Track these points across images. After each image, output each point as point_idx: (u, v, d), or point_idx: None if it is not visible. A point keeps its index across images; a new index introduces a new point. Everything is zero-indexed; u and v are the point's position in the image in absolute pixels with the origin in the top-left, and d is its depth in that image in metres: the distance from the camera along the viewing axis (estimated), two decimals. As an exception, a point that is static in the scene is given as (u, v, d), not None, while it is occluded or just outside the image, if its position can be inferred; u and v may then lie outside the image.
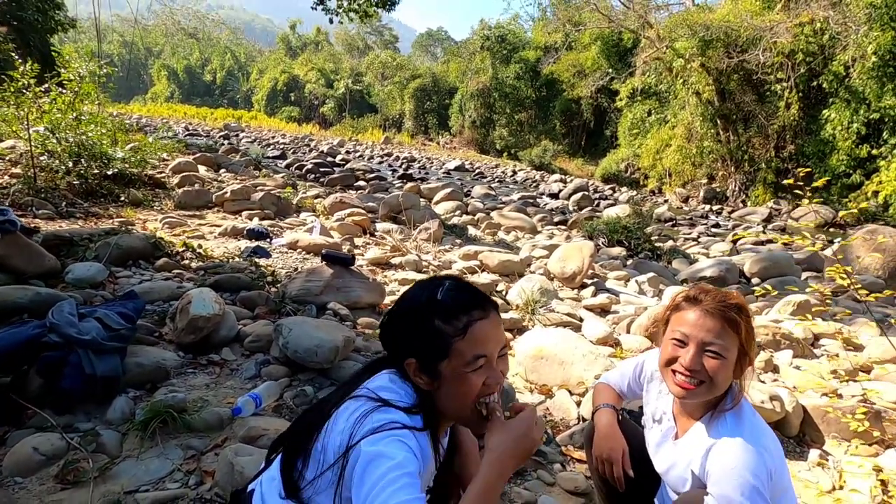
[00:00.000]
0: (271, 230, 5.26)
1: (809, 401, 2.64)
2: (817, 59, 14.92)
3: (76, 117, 5.88)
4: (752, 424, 1.15)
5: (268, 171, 10.38)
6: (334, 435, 0.94)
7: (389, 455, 0.86)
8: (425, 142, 31.63)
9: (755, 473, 1.05)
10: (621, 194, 17.14)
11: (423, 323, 0.98)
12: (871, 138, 13.85)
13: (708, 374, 1.14)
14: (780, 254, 7.31)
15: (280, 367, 2.39)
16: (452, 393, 0.98)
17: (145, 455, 1.75)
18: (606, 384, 1.56)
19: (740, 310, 1.16)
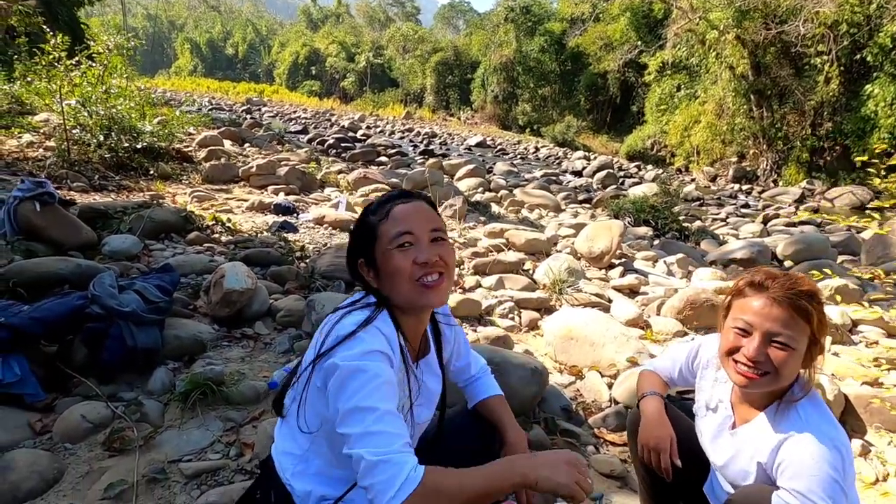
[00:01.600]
0: (297, 205, 5.28)
1: (850, 389, 2.56)
2: (862, 31, 14.08)
3: (106, 90, 5.93)
4: (825, 416, 1.10)
5: (291, 146, 10.40)
6: (307, 353, 1.03)
7: (365, 369, 0.91)
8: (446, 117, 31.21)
9: (835, 467, 1.00)
10: (647, 172, 16.71)
11: (360, 224, 1.10)
12: (916, 116, 13.14)
13: (774, 366, 1.07)
14: (815, 236, 7.06)
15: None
16: (387, 275, 1.03)
17: (186, 426, 1.79)
18: (653, 371, 1.51)
19: (812, 297, 1.07)
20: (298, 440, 1.04)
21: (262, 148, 9.22)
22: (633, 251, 5.51)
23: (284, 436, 1.09)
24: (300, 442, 1.04)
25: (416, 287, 1.02)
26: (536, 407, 2.21)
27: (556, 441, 2.01)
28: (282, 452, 1.07)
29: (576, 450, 1.99)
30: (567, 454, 0.93)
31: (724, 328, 1.17)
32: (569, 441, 2.02)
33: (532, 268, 4.29)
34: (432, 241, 1.04)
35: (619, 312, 3.51)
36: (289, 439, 1.07)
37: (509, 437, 1.23)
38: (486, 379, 1.36)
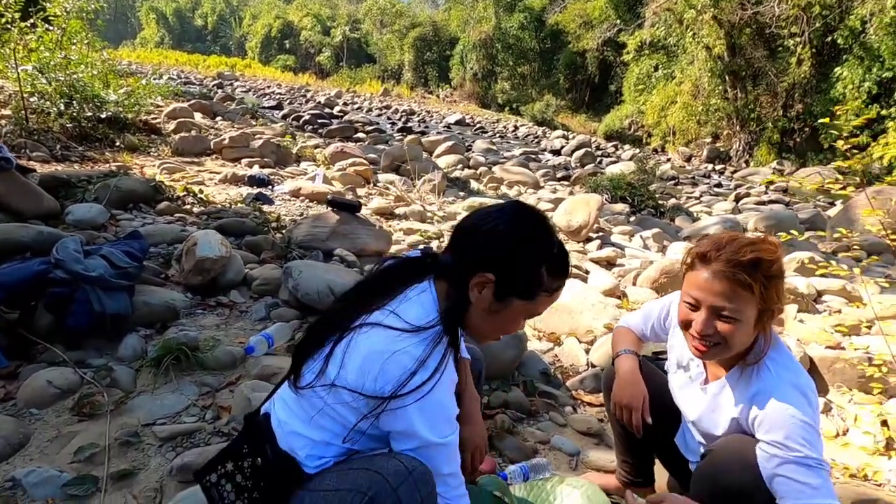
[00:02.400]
0: (272, 178, 5.15)
1: (815, 352, 2.67)
2: (834, 13, 14.34)
3: (65, 56, 5.61)
4: (790, 366, 1.12)
5: (265, 121, 10.10)
6: (365, 364, 0.92)
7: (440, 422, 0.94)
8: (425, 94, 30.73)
9: (806, 413, 1.03)
10: (624, 152, 16.86)
11: (532, 264, 0.99)
12: (881, 98, 13.53)
13: (722, 337, 1.08)
14: (784, 212, 7.28)
15: (290, 310, 2.37)
16: (499, 323, 1.03)
17: (160, 391, 1.74)
18: (627, 328, 1.52)
19: (755, 267, 1.04)
20: (321, 432, 0.96)
21: (234, 122, 8.93)
22: (611, 226, 5.58)
23: (297, 418, 0.99)
24: (321, 433, 0.96)
25: (497, 340, 1.11)
26: (516, 371, 2.23)
27: (534, 402, 2.04)
28: (290, 432, 0.98)
29: (554, 410, 2.03)
30: None
31: (680, 299, 1.17)
32: (547, 402, 2.06)
33: (511, 240, 4.31)
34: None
35: (596, 283, 3.56)
36: (304, 424, 0.97)
37: (463, 400, 1.19)
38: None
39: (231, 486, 0.99)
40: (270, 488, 0.97)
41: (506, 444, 1.74)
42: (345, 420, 0.94)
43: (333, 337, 0.97)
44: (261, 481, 0.98)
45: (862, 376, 2.26)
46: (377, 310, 0.97)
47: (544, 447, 1.80)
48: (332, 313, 1.05)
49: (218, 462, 1.03)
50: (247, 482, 0.99)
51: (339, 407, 0.94)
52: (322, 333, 1.00)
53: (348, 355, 0.93)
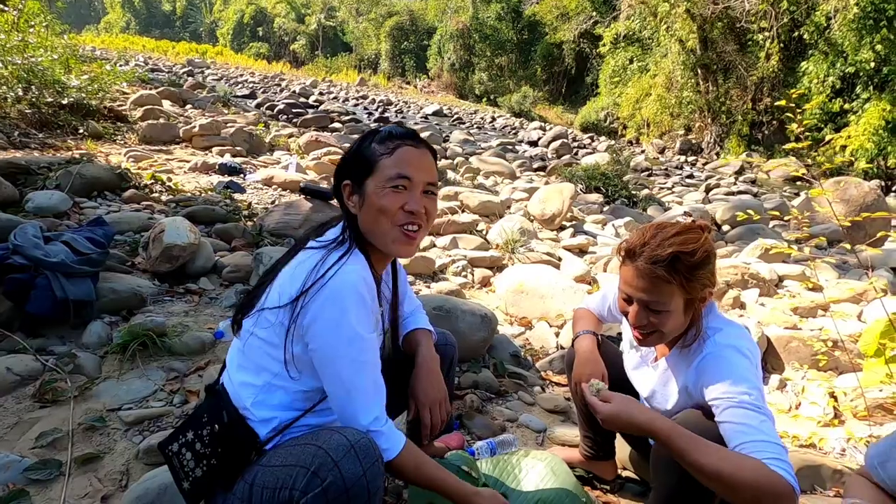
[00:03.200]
0: (244, 166, 5.06)
1: (772, 332, 2.79)
2: (801, 8, 14.74)
3: (22, 39, 5.38)
4: (732, 332, 1.17)
5: (237, 110, 9.88)
6: (284, 282, 1.00)
7: (345, 309, 0.95)
8: (402, 85, 30.46)
9: (747, 367, 1.09)
10: (600, 143, 17.07)
11: (360, 147, 1.07)
12: (843, 92, 14.02)
13: (655, 326, 1.14)
14: (751, 202, 7.52)
15: (261, 297, 2.36)
16: (373, 210, 1.02)
17: (126, 377, 1.72)
18: (587, 309, 1.58)
19: (674, 262, 1.08)
20: (261, 373, 1.01)
21: (205, 110, 8.70)
22: (584, 215, 5.68)
23: (242, 367, 1.04)
24: (262, 375, 1.01)
25: (395, 231, 1.03)
26: (486, 353, 2.27)
27: (503, 382, 2.09)
28: (239, 383, 1.03)
29: (523, 390, 2.08)
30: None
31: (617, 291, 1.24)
32: (517, 382, 2.10)
33: (486, 229, 4.34)
34: (424, 193, 1.05)
35: (568, 269, 3.63)
36: (248, 371, 1.02)
37: (418, 358, 1.24)
38: (418, 315, 1.36)
39: (191, 455, 1.01)
40: (227, 454, 0.99)
41: (475, 423, 1.78)
42: (275, 348, 0.99)
43: (263, 283, 1.07)
44: (218, 447, 0.99)
45: (814, 354, 2.38)
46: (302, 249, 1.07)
47: (512, 425, 1.84)
48: (273, 265, 1.12)
49: (180, 432, 1.04)
50: (205, 449, 1.00)
51: (266, 332, 0.99)
52: (261, 282, 1.08)
53: (275, 284, 1.02)
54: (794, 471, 0.94)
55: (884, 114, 12.55)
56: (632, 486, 1.57)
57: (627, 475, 1.62)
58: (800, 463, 1.60)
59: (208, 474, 0.99)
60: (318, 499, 0.86)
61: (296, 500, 0.87)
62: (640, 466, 1.63)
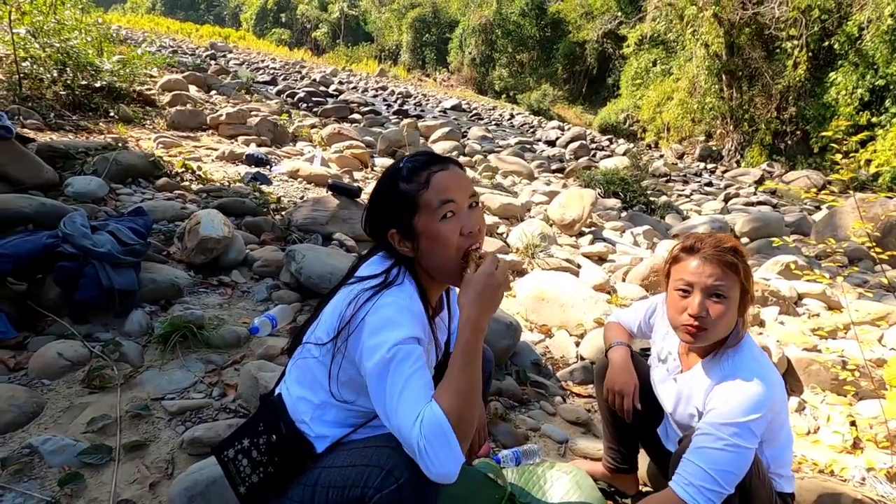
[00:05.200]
0: (270, 157, 5.13)
1: (792, 353, 2.80)
2: (832, 18, 14.44)
3: (59, 21, 5.49)
4: (755, 360, 1.22)
5: (259, 97, 9.97)
6: (327, 318, 1.03)
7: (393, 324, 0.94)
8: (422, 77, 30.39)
9: (753, 409, 1.12)
10: (618, 146, 16.94)
11: (392, 192, 1.03)
12: (872, 105, 13.74)
13: (713, 319, 1.18)
14: (772, 215, 7.43)
15: (291, 293, 2.42)
16: (431, 248, 1.02)
17: (167, 367, 1.80)
18: (618, 322, 1.62)
19: (736, 252, 1.20)
20: (318, 391, 1.05)
21: (229, 96, 8.81)
22: (603, 221, 5.68)
23: (300, 383, 1.08)
24: (319, 393, 1.05)
25: (455, 263, 1.02)
26: (509, 360, 2.32)
27: (526, 391, 2.13)
28: (297, 397, 1.07)
29: (545, 400, 2.12)
30: (481, 276, 0.97)
31: (668, 293, 1.28)
32: (538, 391, 2.15)
33: (506, 232, 4.37)
34: (469, 208, 1.04)
35: (587, 277, 3.65)
36: (305, 387, 1.07)
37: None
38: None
39: (247, 461, 1.06)
40: (285, 462, 1.03)
41: (499, 430, 1.83)
42: (327, 368, 1.02)
43: (316, 311, 1.12)
44: (275, 456, 1.04)
45: (835, 378, 2.39)
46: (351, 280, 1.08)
47: (535, 434, 1.89)
48: (328, 292, 1.17)
49: (235, 438, 1.09)
50: (262, 457, 1.05)
51: (317, 358, 1.04)
52: (315, 310, 1.13)
53: (322, 317, 1.06)
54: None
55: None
56: (652, 501, 1.61)
57: (648, 490, 1.66)
58: (819, 490, 1.63)
59: (265, 481, 1.04)
60: (391, 496, 0.90)
61: (368, 496, 0.91)
62: (658, 481, 1.67)
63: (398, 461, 0.92)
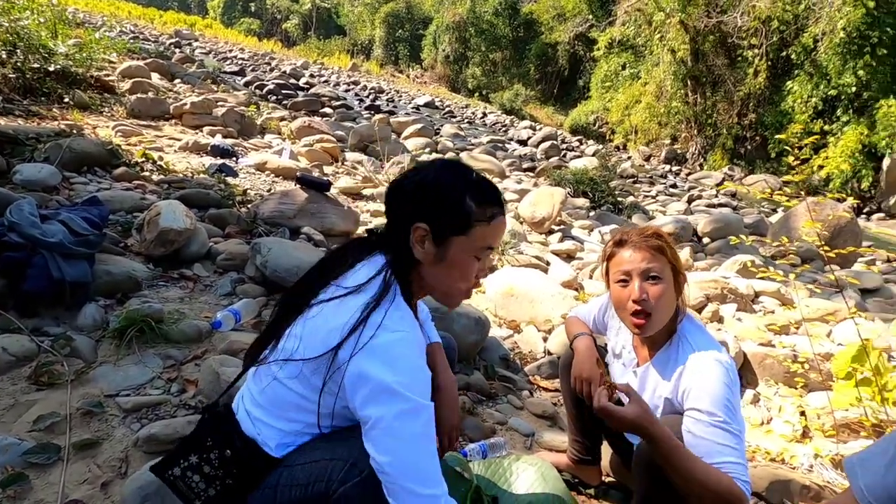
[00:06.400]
0: (237, 149, 4.99)
1: (748, 348, 2.91)
2: (790, 29, 15.09)
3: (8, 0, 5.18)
4: (708, 340, 1.28)
5: (227, 87, 9.69)
6: (315, 330, 0.95)
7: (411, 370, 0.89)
8: (395, 73, 30.17)
9: (727, 385, 1.17)
10: (588, 147, 17.26)
11: (454, 196, 0.99)
12: (825, 114, 14.45)
13: (653, 301, 1.24)
14: (732, 216, 7.71)
15: (256, 287, 2.36)
16: (449, 270, 1.01)
17: (123, 362, 1.72)
18: (577, 317, 1.65)
19: (660, 236, 1.29)
20: (291, 423, 0.98)
21: (195, 86, 8.52)
22: (572, 219, 5.77)
23: (263, 409, 0.99)
24: (293, 425, 0.97)
25: (461, 294, 1.05)
26: (477, 355, 2.33)
27: (494, 385, 2.15)
28: (259, 422, 0.99)
29: (512, 394, 2.14)
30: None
31: (611, 288, 1.34)
32: (506, 385, 2.16)
33: (477, 228, 4.39)
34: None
35: (556, 274, 3.71)
36: (272, 416, 0.98)
37: (440, 382, 1.22)
38: (427, 326, 1.36)
39: (199, 477, 0.99)
40: (244, 473, 0.99)
41: (466, 424, 1.83)
42: (307, 399, 0.94)
43: (290, 319, 1.00)
44: (233, 468, 0.99)
45: (787, 372, 2.50)
46: (330, 287, 1.00)
47: (502, 427, 1.90)
48: (289, 296, 1.08)
49: (179, 456, 1.00)
50: (216, 471, 0.99)
51: (294, 383, 0.95)
52: (281, 318, 1.03)
53: (301, 331, 0.97)
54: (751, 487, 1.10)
55: (861, 137, 13.00)
56: (615, 492, 1.65)
57: (610, 481, 1.70)
58: (771, 477, 1.70)
59: (223, 493, 0.99)
60: (355, 488, 0.88)
61: (332, 490, 0.89)
62: (620, 472, 1.70)
63: (362, 453, 0.90)
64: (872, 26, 13.15)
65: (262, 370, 1.02)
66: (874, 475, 0.83)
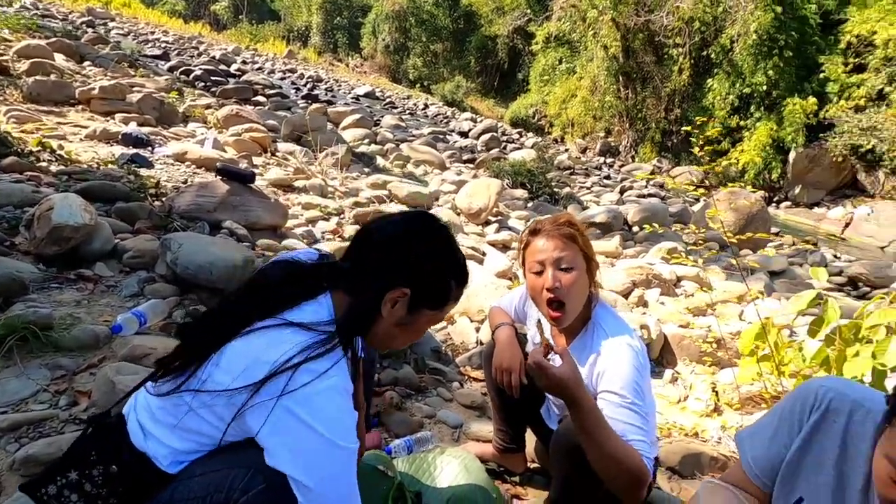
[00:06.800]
0: (153, 138, 4.64)
1: (669, 330, 3.07)
2: (710, 30, 16.09)
3: None
4: (620, 325, 1.31)
5: (147, 72, 8.99)
6: (243, 358, 0.87)
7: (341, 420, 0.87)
8: (334, 62, 29.30)
9: (639, 369, 1.21)
10: (528, 139, 17.63)
11: (443, 278, 1.03)
12: (740, 111, 15.57)
13: (566, 288, 1.26)
14: (658, 206, 8.15)
15: (167, 286, 2.19)
16: (407, 333, 1.05)
17: (2, 375, 1.53)
18: (500, 307, 1.66)
19: (572, 224, 1.31)
20: (189, 442, 0.90)
21: (107, 69, 7.83)
22: (509, 210, 5.85)
23: (163, 423, 0.91)
24: (190, 444, 0.90)
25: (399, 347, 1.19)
26: (408, 349, 2.29)
27: (423, 378, 2.12)
28: (152, 437, 0.91)
29: (442, 386, 2.12)
30: None
31: (527, 278, 1.35)
32: (436, 378, 2.14)
33: (413, 220, 4.34)
34: None
35: (491, 265, 3.74)
36: (171, 432, 0.90)
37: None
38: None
39: (77, 496, 0.89)
40: (131, 491, 0.90)
41: (393, 420, 1.79)
42: (213, 427, 0.87)
43: (209, 346, 0.91)
44: (119, 486, 0.89)
45: (701, 351, 2.66)
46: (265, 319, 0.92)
47: (430, 421, 1.88)
48: (209, 321, 0.98)
49: (56, 472, 0.90)
50: (99, 490, 0.89)
51: (203, 410, 0.87)
52: (196, 342, 0.93)
53: (223, 358, 0.88)
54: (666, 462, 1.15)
55: (771, 133, 14.14)
56: (539, 477, 1.67)
57: (535, 467, 1.72)
58: (684, 451, 1.79)
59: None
60: (260, 496, 0.82)
61: (233, 499, 0.82)
62: (544, 458, 1.73)
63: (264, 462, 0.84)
64: (780, 30, 14.29)
65: (167, 385, 0.91)
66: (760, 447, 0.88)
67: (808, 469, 0.79)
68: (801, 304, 1.88)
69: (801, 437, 0.80)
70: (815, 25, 14.76)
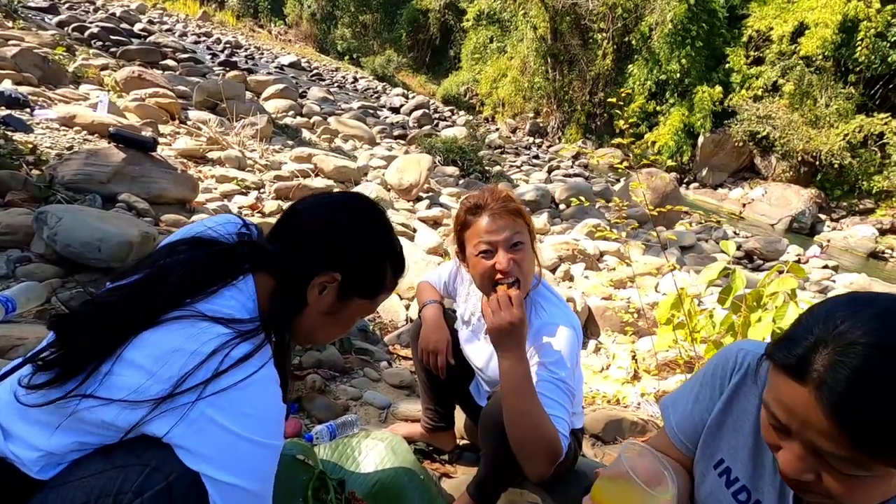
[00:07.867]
0: (33, 99, 4.04)
1: (592, 302, 3.18)
2: (631, 17, 16.78)
3: None
4: (559, 303, 1.29)
5: (29, 25, 7.83)
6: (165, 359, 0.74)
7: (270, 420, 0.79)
8: (255, 27, 27.31)
9: (573, 347, 1.19)
10: (459, 117, 17.59)
11: (380, 264, 0.96)
12: (657, 96, 16.48)
13: (521, 268, 1.20)
14: (583, 185, 8.47)
15: (47, 266, 1.90)
16: (334, 324, 0.96)
17: None
18: (429, 283, 1.59)
19: (513, 199, 1.25)
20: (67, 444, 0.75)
21: (-25, 18, 6.72)
22: (441, 187, 5.79)
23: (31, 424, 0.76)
24: (69, 445, 0.75)
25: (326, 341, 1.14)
26: (333, 329, 2.17)
27: (349, 360, 2.02)
28: (23, 441, 0.75)
29: (369, 366, 2.03)
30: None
31: (469, 260, 1.25)
32: (363, 358, 2.05)
33: (340, 195, 4.15)
34: None
35: (422, 241, 3.67)
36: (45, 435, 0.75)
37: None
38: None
39: None
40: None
41: (315, 405, 1.68)
42: (108, 428, 0.74)
43: (103, 342, 0.76)
44: None
45: (622, 321, 2.77)
46: (174, 309, 0.79)
47: (356, 403, 1.79)
48: (98, 311, 0.80)
49: None
50: None
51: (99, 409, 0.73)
52: (84, 338, 0.77)
53: (128, 355, 0.75)
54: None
55: (683, 118, 15.13)
56: (468, 454, 1.65)
57: (465, 444, 1.70)
58: (606, 418, 1.84)
59: None
60: (158, 497, 0.70)
61: (126, 503, 0.69)
62: (473, 434, 1.71)
63: (166, 455, 0.72)
64: (693, 21, 15.18)
65: (54, 391, 0.74)
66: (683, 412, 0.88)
67: (728, 430, 0.79)
68: (712, 274, 1.98)
69: (723, 400, 0.80)
70: (722, 18, 15.81)
